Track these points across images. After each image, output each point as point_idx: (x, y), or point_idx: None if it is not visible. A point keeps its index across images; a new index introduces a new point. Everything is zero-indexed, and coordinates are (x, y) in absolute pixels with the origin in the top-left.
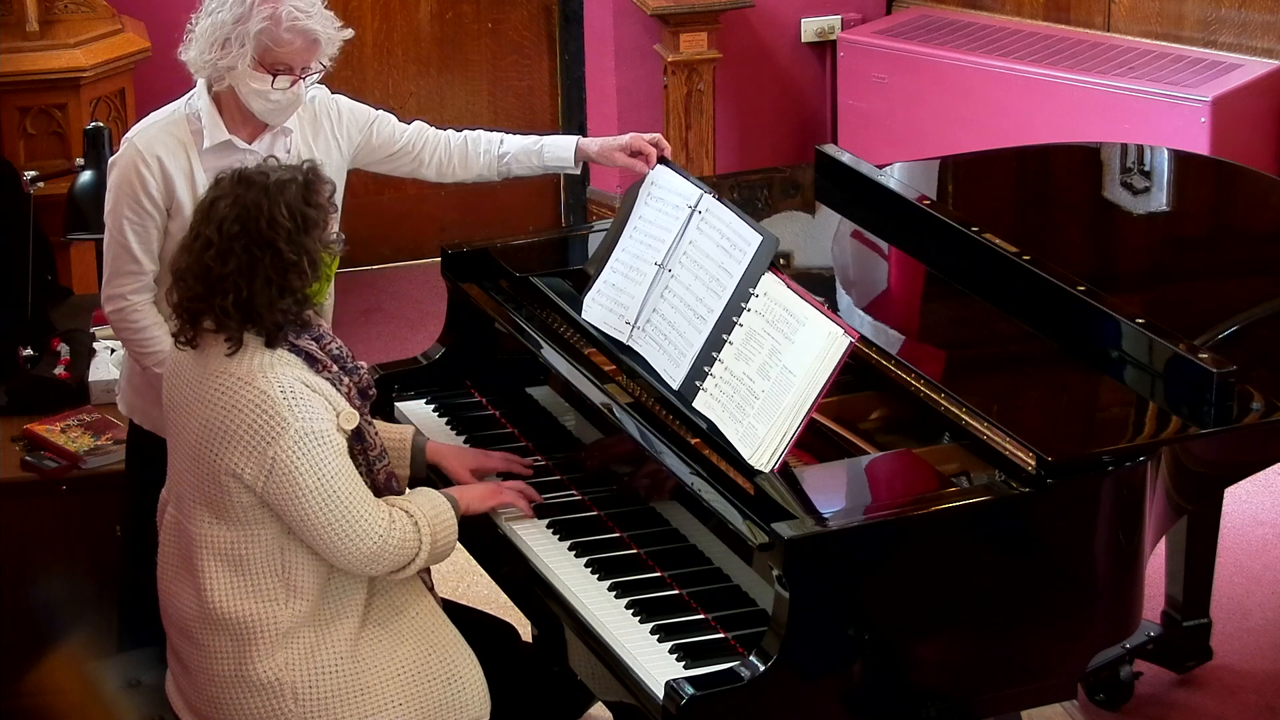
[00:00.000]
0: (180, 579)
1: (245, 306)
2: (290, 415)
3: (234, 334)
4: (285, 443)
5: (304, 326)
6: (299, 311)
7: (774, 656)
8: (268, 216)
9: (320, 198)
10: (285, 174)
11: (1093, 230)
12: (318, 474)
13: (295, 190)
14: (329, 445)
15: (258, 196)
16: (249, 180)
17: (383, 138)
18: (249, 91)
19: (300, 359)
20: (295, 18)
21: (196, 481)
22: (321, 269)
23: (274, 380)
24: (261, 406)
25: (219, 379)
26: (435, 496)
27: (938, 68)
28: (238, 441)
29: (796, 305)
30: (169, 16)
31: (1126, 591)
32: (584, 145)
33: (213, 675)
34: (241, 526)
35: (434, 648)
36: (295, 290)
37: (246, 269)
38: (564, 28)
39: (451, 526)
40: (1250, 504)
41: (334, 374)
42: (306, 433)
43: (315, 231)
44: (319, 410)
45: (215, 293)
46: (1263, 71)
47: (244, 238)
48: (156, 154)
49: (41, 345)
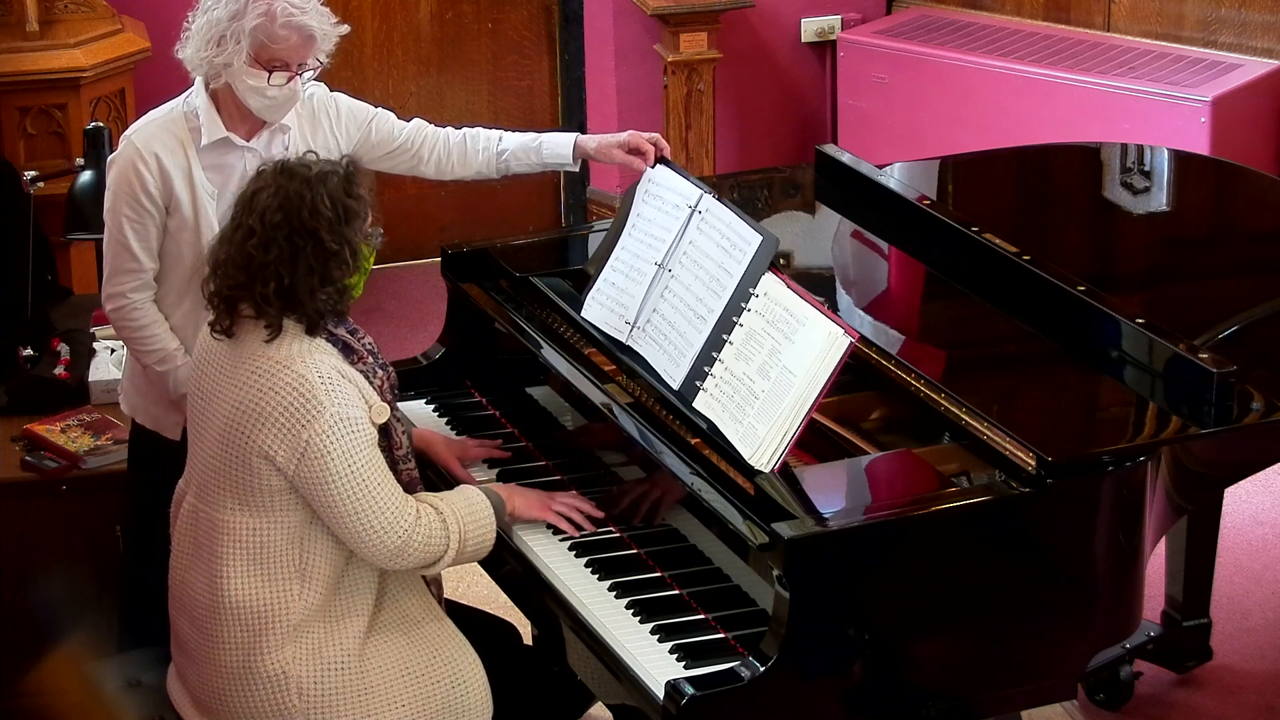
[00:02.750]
0: (195, 569)
1: (287, 294)
2: (327, 400)
3: (274, 320)
4: (320, 426)
5: (341, 318)
6: (339, 301)
7: (774, 656)
8: (310, 206)
9: (361, 190)
10: (327, 166)
11: (1093, 230)
12: (349, 461)
13: (337, 181)
14: (361, 434)
15: (300, 187)
16: (291, 171)
17: (381, 135)
18: (245, 88)
19: (337, 349)
20: (290, 14)
21: (224, 466)
22: (361, 260)
23: (312, 365)
24: (299, 389)
25: (255, 362)
26: (473, 494)
27: (938, 68)
28: (272, 423)
29: (796, 305)
30: (169, 16)
31: (1126, 591)
32: (582, 142)
33: (219, 666)
34: (266, 513)
35: (439, 650)
36: (336, 280)
37: (289, 257)
38: (564, 28)
39: (487, 527)
40: (1250, 504)
41: (368, 365)
42: (341, 418)
43: (356, 222)
44: (353, 399)
45: (256, 280)
46: (1263, 71)
47: (286, 226)
48: (155, 152)
49: (41, 345)
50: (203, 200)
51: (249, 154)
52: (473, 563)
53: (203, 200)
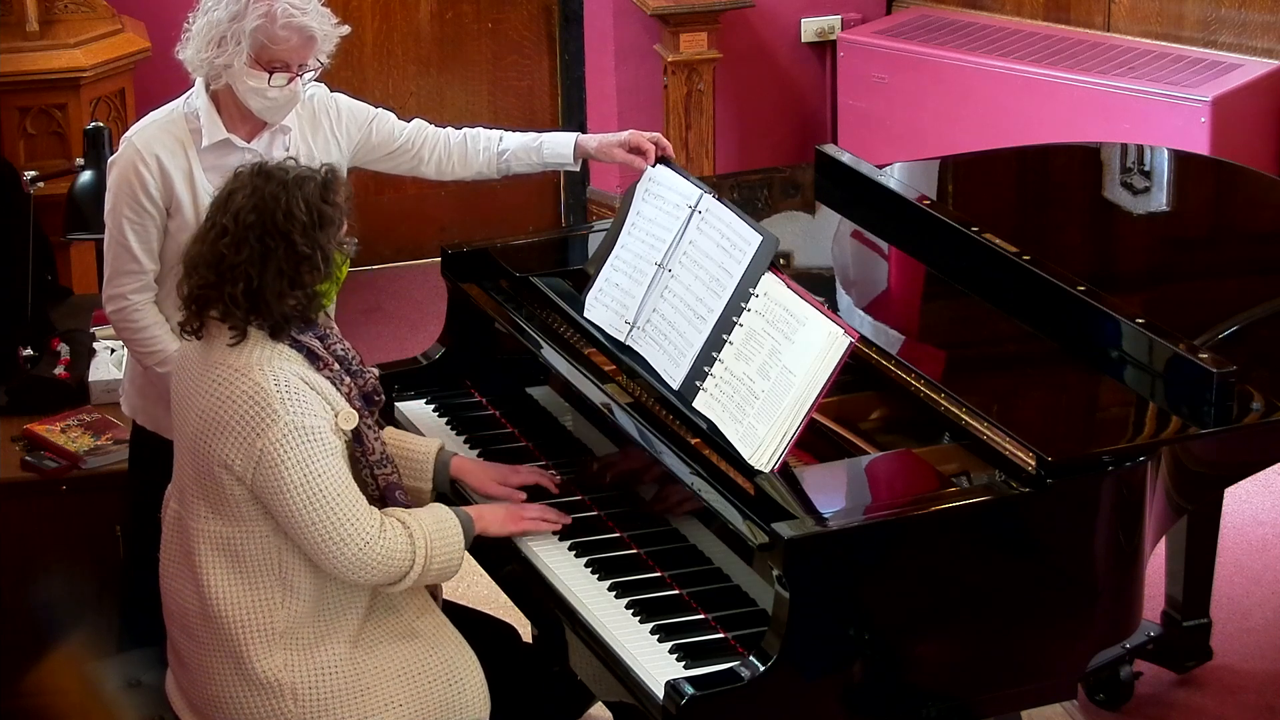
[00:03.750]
0: (181, 575)
1: (254, 296)
2: (281, 408)
3: (239, 324)
4: (273, 435)
5: (309, 324)
6: (307, 306)
7: (774, 656)
8: (284, 209)
9: (337, 197)
10: (305, 171)
11: (1093, 230)
12: (304, 470)
13: (314, 187)
14: (319, 443)
15: (276, 189)
16: (268, 174)
17: (382, 135)
18: (246, 89)
19: (301, 355)
20: (290, 15)
21: (195, 474)
22: (333, 268)
23: (270, 373)
24: (254, 398)
25: (218, 370)
26: (442, 513)
27: (938, 68)
28: (229, 432)
29: (796, 305)
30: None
31: (1126, 591)
32: (583, 141)
33: (212, 673)
34: (237, 522)
35: (434, 649)
36: (306, 285)
37: (259, 258)
38: (564, 28)
39: (455, 545)
40: (1250, 504)
41: (335, 372)
42: (296, 427)
43: (330, 229)
44: (313, 407)
45: (226, 280)
46: (1263, 71)
47: (259, 228)
48: (155, 153)
49: (41, 345)
50: (204, 201)
51: (250, 155)
52: (473, 562)
53: (204, 201)
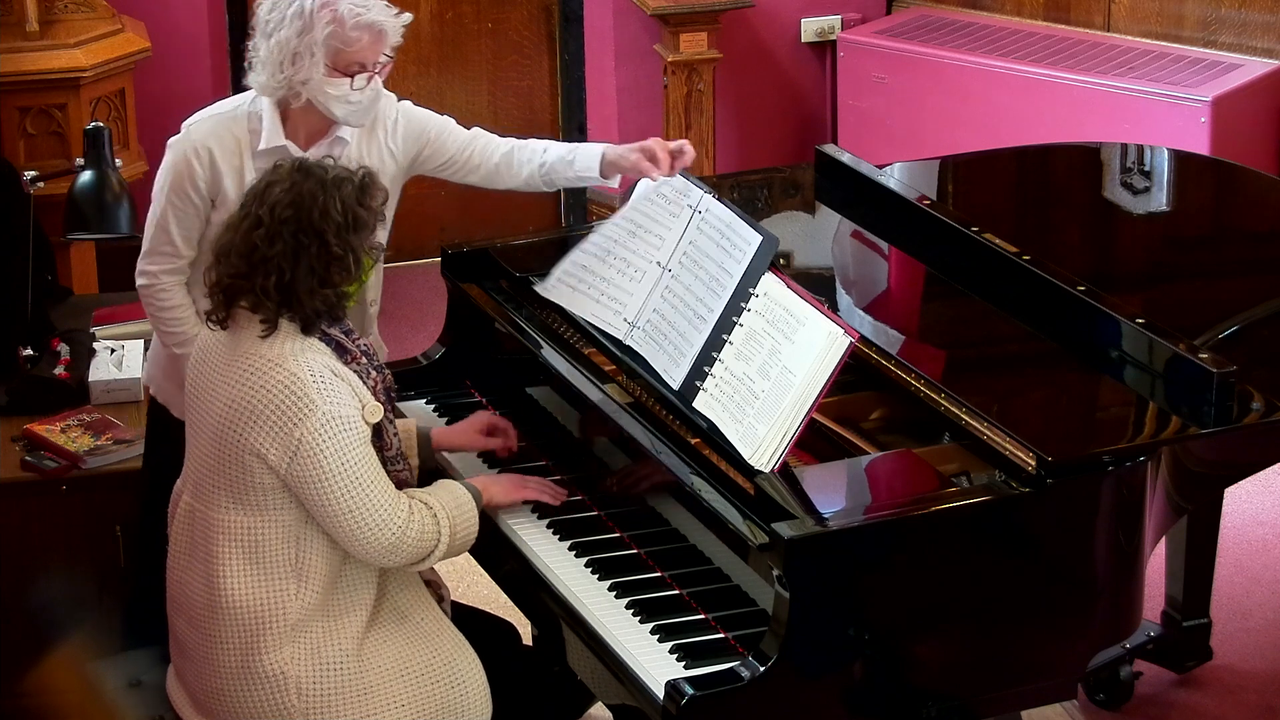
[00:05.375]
0: (192, 568)
1: (286, 290)
2: (319, 398)
3: (270, 316)
4: (312, 424)
5: (335, 320)
6: (335, 305)
7: (774, 656)
8: (321, 208)
9: (373, 201)
10: (343, 172)
11: (1093, 230)
12: (341, 459)
13: (351, 189)
14: (354, 432)
15: (314, 187)
16: (308, 170)
17: (434, 148)
18: (329, 99)
19: (330, 348)
20: (357, 14)
21: (218, 464)
22: (361, 271)
23: (304, 364)
24: (290, 388)
25: (249, 360)
26: (457, 489)
27: (938, 68)
28: (264, 422)
29: (796, 305)
30: (169, 16)
31: (1126, 591)
32: (608, 153)
33: (218, 666)
34: (260, 511)
35: (438, 650)
36: (335, 284)
37: (291, 253)
38: (564, 28)
39: (472, 519)
40: (1250, 504)
41: (362, 366)
42: (333, 417)
43: (363, 232)
44: (346, 397)
45: (257, 272)
46: (1263, 71)
47: (294, 223)
48: (209, 146)
49: (41, 345)
50: None
51: None
52: (472, 562)
53: None
